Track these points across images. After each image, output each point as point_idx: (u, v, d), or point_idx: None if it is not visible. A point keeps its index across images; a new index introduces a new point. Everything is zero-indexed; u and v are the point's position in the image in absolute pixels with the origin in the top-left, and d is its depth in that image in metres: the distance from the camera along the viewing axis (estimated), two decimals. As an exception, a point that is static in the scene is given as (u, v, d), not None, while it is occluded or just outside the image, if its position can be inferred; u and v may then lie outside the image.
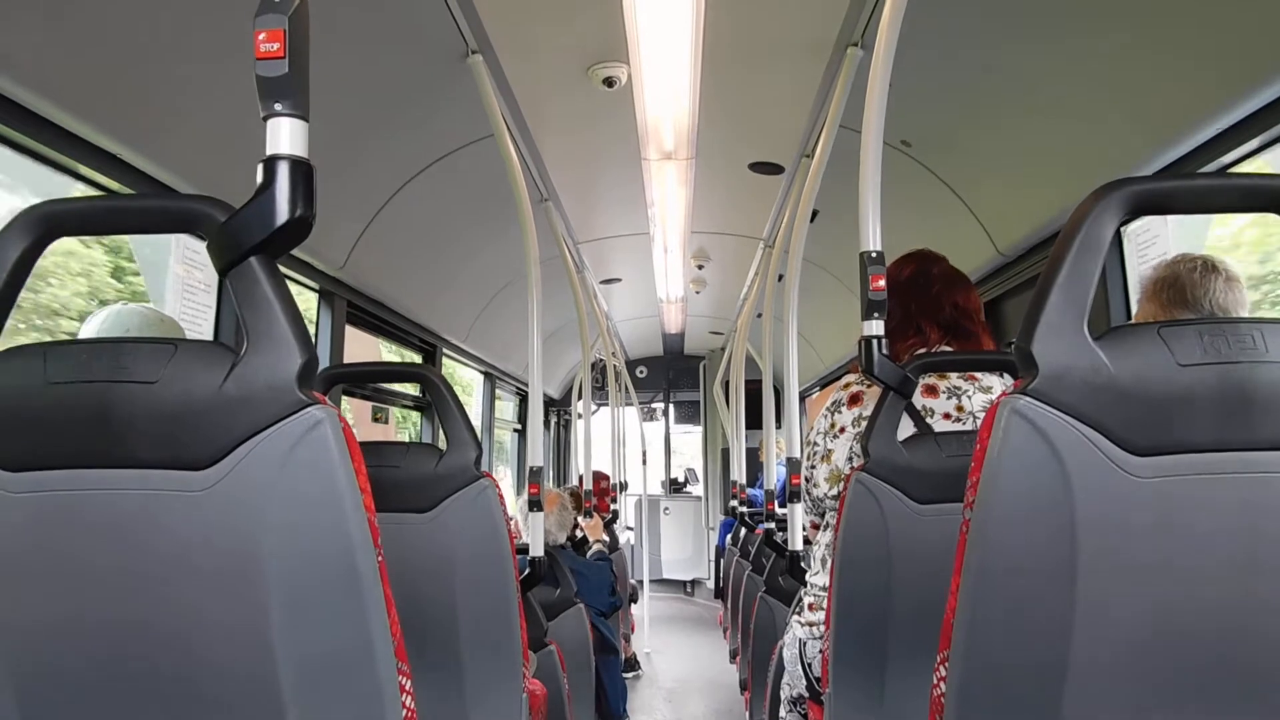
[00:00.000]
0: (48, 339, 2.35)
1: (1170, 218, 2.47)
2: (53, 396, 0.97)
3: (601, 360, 7.51)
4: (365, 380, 3.82)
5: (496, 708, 2.11)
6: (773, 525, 3.84)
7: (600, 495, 6.75)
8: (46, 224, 1.03)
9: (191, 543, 0.98)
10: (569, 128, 3.52)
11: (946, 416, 1.87)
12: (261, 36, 0.93)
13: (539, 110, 3.27)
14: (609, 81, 3.01)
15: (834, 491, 1.99)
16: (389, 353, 4.85)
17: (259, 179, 0.96)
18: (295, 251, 2.88)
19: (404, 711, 1.03)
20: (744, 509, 5.82)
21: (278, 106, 0.95)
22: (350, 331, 3.70)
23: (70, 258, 2.90)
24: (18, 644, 1.02)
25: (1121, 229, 1.36)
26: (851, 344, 2.05)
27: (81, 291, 2.98)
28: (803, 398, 6.58)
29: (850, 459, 1.95)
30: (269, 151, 0.96)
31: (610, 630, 4.32)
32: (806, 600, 2.09)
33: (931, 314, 2.00)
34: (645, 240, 5.20)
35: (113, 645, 1.02)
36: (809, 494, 2.12)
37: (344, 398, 4.00)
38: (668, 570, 9.83)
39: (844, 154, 2.60)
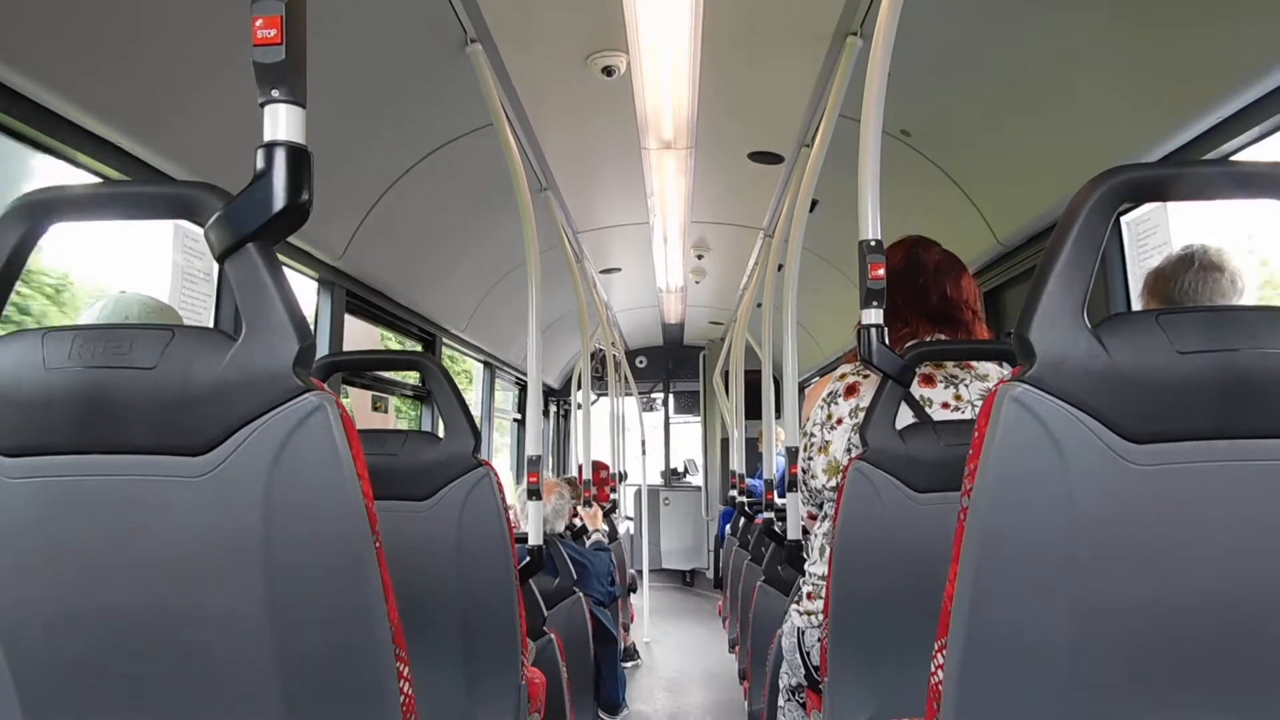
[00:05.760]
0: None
1: (1170, 207, 2.47)
2: (51, 382, 0.97)
3: (601, 350, 7.51)
4: (364, 368, 3.81)
5: (495, 696, 2.11)
6: (772, 515, 3.85)
7: (600, 485, 6.76)
8: (44, 209, 1.03)
9: (189, 528, 0.98)
10: (568, 117, 3.51)
11: (945, 406, 1.87)
12: (259, 23, 0.93)
13: (538, 99, 3.27)
14: (608, 70, 3.00)
15: (832, 483, 1.99)
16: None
17: (257, 165, 0.96)
18: (294, 240, 2.89)
19: (402, 699, 1.03)
20: (743, 499, 5.83)
21: (275, 93, 0.95)
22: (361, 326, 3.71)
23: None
24: (16, 627, 1.03)
25: (1121, 217, 1.37)
26: (851, 333, 2.04)
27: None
28: (802, 387, 6.57)
29: (849, 450, 1.95)
30: (266, 138, 0.96)
31: (609, 619, 4.34)
32: (805, 589, 2.09)
33: (918, 306, 1.99)
34: (645, 230, 5.19)
35: (112, 629, 1.02)
36: (806, 485, 2.12)
37: (344, 386, 4.00)
38: (667, 560, 9.85)
39: (843, 143, 2.59)
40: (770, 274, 3.97)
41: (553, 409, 9.31)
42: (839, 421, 1.98)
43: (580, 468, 5.79)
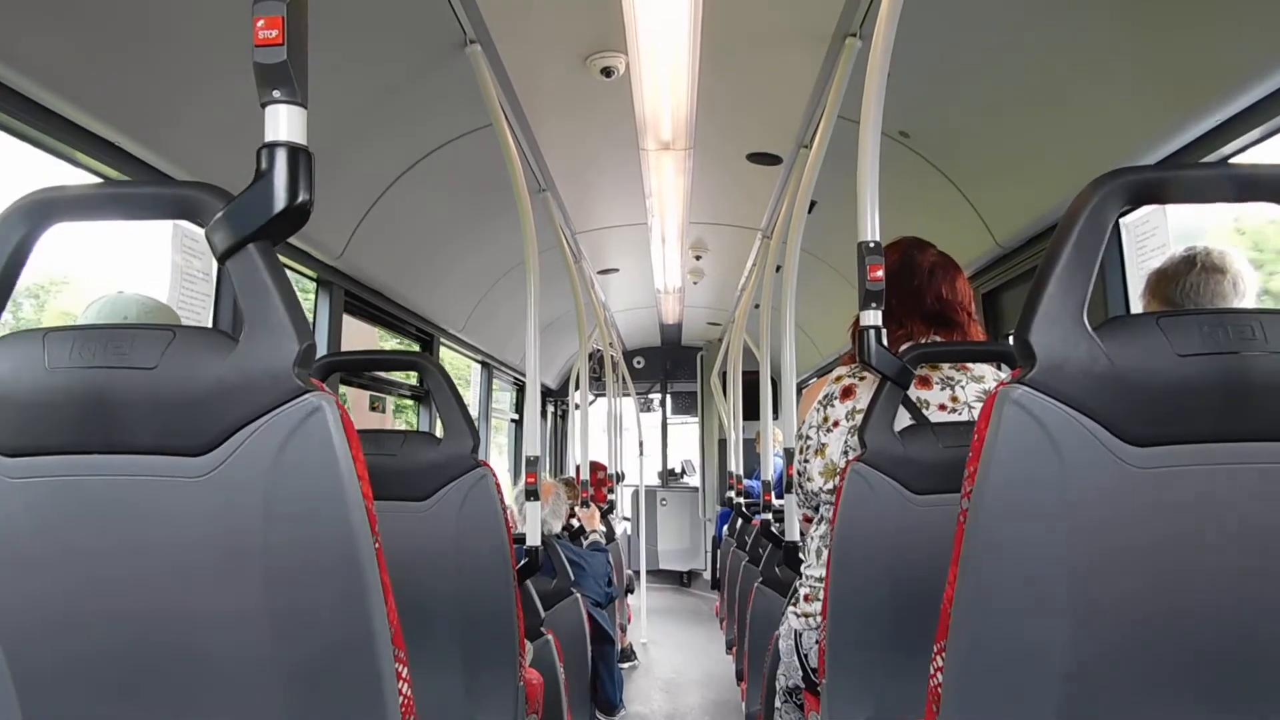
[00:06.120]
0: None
1: (1169, 208, 2.48)
2: (52, 382, 0.97)
3: (599, 350, 7.51)
4: (363, 368, 3.82)
5: (493, 696, 2.11)
6: (770, 516, 3.85)
7: (597, 486, 6.76)
8: (45, 209, 1.03)
9: (189, 528, 0.98)
10: (567, 118, 3.51)
11: (942, 408, 1.87)
12: (260, 24, 0.93)
13: (537, 100, 3.27)
14: (607, 71, 3.00)
15: (829, 486, 1.98)
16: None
17: (258, 166, 0.96)
18: (293, 240, 2.89)
19: (401, 699, 1.03)
20: (741, 500, 5.82)
21: (276, 94, 0.95)
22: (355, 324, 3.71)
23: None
24: (15, 627, 1.03)
25: (1120, 220, 1.37)
26: (849, 335, 2.05)
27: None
28: (800, 388, 6.58)
29: (845, 452, 1.95)
30: (267, 138, 0.96)
31: (607, 620, 4.34)
32: (802, 591, 2.09)
33: (913, 308, 1.99)
34: (643, 231, 5.19)
35: (110, 629, 1.02)
36: (802, 488, 2.11)
37: (342, 386, 4.00)
38: (664, 561, 9.85)
39: (842, 145, 2.59)
40: (768, 275, 3.97)
41: (550, 409, 9.31)
42: (835, 424, 1.98)
43: (578, 468, 5.79)
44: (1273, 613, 0.98)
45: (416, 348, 4.75)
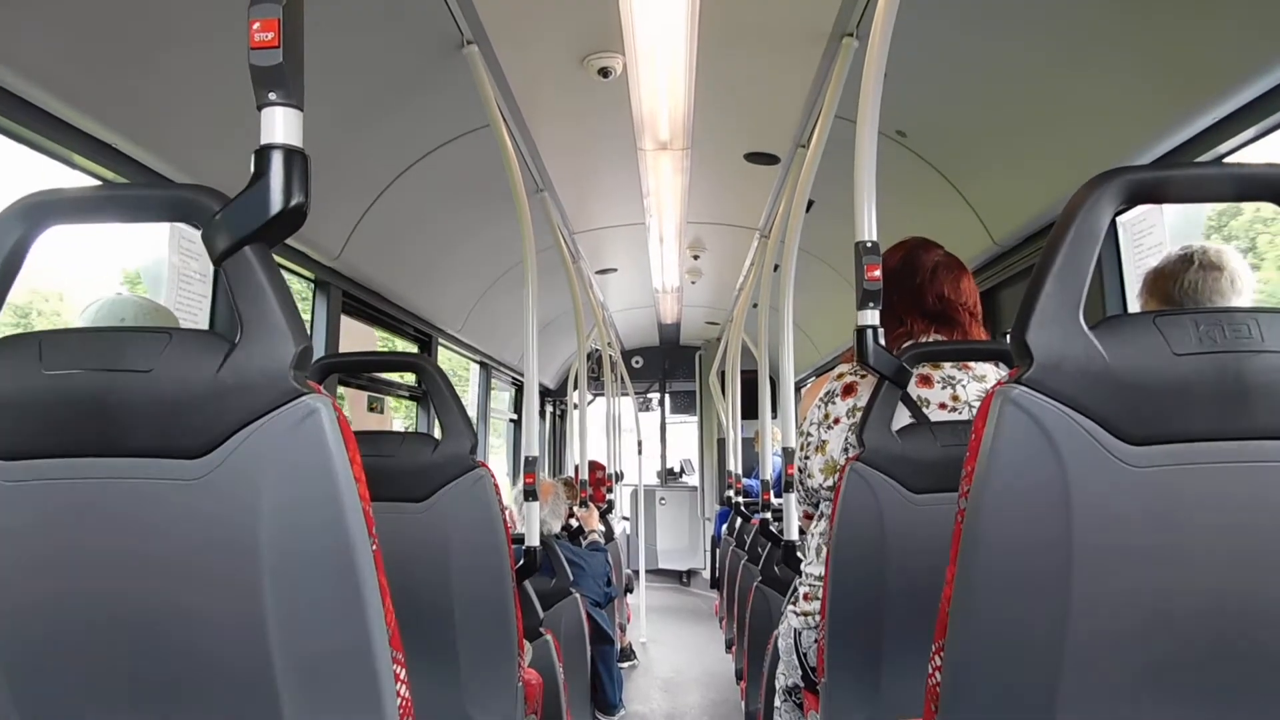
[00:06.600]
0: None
1: (1167, 208, 2.48)
2: (48, 385, 0.97)
3: (597, 350, 7.51)
4: (360, 370, 3.81)
5: (492, 697, 2.11)
6: (769, 515, 3.85)
7: (596, 485, 6.76)
8: (41, 212, 1.03)
9: (186, 531, 0.98)
10: (564, 118, 3.51)
11: (942, 406, 1.87)
12: (256, 26, 0.93)
13: (534, 100, 3.27)
14: (604, 72, 3.00)
15: (829, 483, 1.99)
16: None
17: (253, 168, 0.96)
18: (290, 241, 2.88)
19: (399, 701, 1.03)
20: (740, 499, 5.83)
21: (272, 96, 0.95)
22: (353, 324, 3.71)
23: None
24: (12, 629, 1.02)
25: (1117, 218, 1.38)
26: (847, 334, 2.05)
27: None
28: (798, 388, 6.58)
29: (845, 450, 1.95)
30: (263, 141, 0.96)
31: (606, 620, 4.34)
32: (801, 590, 2.09)
33: (914, 306, 1.99)
34: (641, 230, 5.19)
35: (109, 631, 1.02)
36: (802, 485, 2.12)
37: (340, 387, 4.00)
38: (664, 560, 9.85)
39: (839, 144, 2.59)
40: (766, 274, 3.97)
41: (548, 409, 9.31)
42: (836, 421, 1.98)
43: (576, 468, 5.79)
44: (1269, 610, 0.98)
45: (414, 348, 4.75)
